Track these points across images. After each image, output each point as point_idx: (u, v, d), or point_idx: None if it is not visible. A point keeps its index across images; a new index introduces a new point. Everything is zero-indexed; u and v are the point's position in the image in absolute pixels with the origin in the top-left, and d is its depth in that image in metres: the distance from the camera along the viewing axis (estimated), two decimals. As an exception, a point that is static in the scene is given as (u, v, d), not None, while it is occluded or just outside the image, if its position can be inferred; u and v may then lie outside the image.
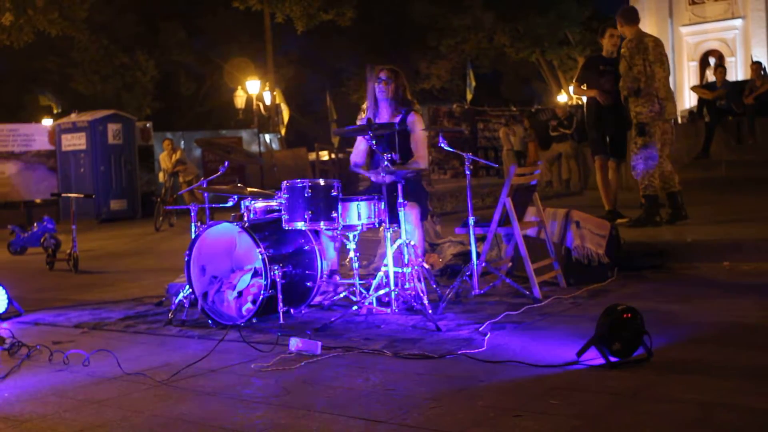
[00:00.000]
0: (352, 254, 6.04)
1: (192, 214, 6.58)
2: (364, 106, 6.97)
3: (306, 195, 5.90)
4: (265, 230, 6.04)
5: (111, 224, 19.93)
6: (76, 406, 4.12)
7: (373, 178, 6.45)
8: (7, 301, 6.90)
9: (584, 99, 10.87)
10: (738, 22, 37.41)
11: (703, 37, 38.75)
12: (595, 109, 9.43)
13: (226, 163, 6.59)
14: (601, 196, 9.50)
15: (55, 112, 28.17)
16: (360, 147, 6.95)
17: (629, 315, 4.19)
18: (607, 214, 8.99)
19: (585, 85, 9.51)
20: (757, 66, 18.85)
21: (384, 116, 6.77)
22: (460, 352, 4.60)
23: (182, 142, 24.52)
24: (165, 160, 18.10)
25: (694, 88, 19.28)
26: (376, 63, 7.12)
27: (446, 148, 6.72)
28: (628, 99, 8.86)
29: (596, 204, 9.41)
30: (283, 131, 30.92)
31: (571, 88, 10.36)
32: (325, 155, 28.54)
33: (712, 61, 35.31)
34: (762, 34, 38.33)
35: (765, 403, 3.49)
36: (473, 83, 30.56)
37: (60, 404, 4.17)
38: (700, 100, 18.31)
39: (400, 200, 5.80)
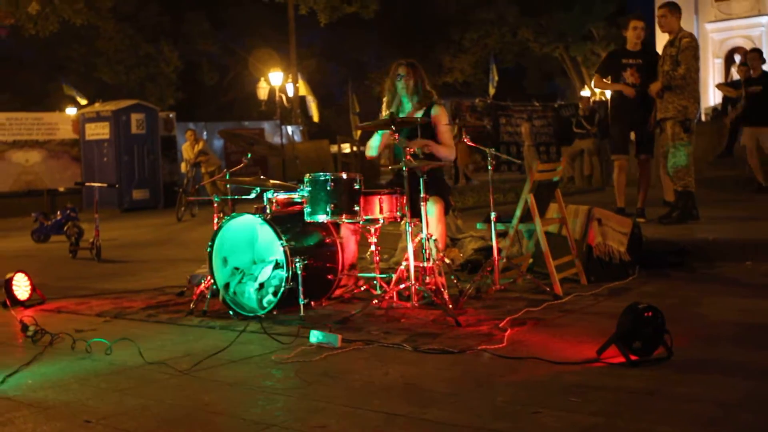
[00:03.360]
0: (373, 248, 6.06)
1: (215, 205, 6.62)
2: (385, 99, 6.95)
3: (328, 188, 5.92)
4: (287, 223, 6.06)
5: (133, 214, 20.03)
6: (98, 393, 4.17)
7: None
8: (30, 288, 6.97)
9: (607, 94, 10.83)
10: (764, 19, 37.12)
11: (728, 34, 38.49)
12: (619, 103, 9.34)
13: (249, 155, 6.62)
14: (617, 194, 9.40)
15: (81, 104, 28.27)
16: (374, 141, 6.90)
17: (650, 313, 4.18)
18: (636, 212, 8.97)
19: (609, 78, 9.42)
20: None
21: (407, 111, 6.77)
22: (480, 348, 4.61)
23: (205, 133, 24.59)
24: (187, 150, 18.16)
25: (719, 86, 19.15)
26: (398, 56, 7.11)
27: (468, 143, 6.73)
28: (665, 92, 8.77)
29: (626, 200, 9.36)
30: (316, 118, 30.85)
31: (593, 82, 10.26)
32: (347, 148, 28.55)
33: (737, 58, 35.07)
34: (788, 32, 38.04)
35: (786, 404, 3.49)
36: (496, 78, 30.48)
37: (82, 392, 4.21)
38: (724, 98, 18.18)
39: (423, 194, 5.81)
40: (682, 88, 8.72)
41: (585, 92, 36.26)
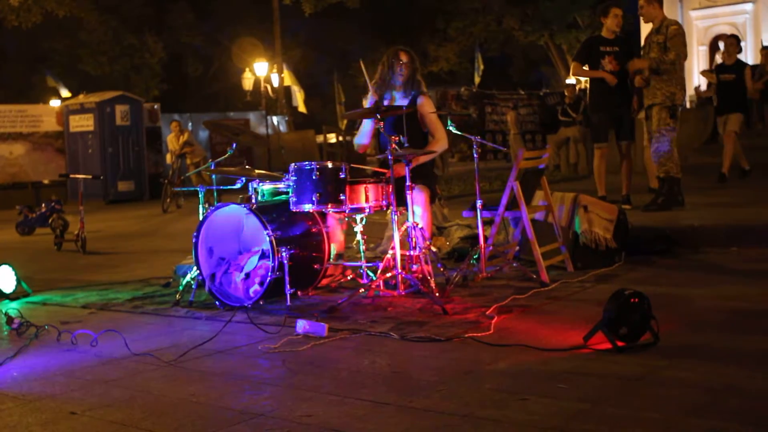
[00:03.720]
0: (359, 237, 6.05)
1: (200, 195, 6.59)
2: (373, 84, 6.89)
3: (314, 177, 5.90)
4: (273, 212, 6.04)
5: (118, 205, 19.97)
6: (84, 385, 4.15)
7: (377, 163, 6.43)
8: (15, 281, 6.93)
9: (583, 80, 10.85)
10: (749, 6, 37.18)
11: (713, 21, 38.52)
12: (599, 91, 9.34)
13: (234, 145, 6.60)
14: (597, 183, 9.40)
15: (63, 96, 28.18)
16: (365, 128, 6.91)
17: (636, 300, 4.19)
18: (621, 199, 8.98)
19: (587, 66, 9.42)
20: (766, 51, 18.71)
21: (392, 99, 6.75)
22: (466, 336, 4.61)
23: (190, 124, 24.52)
24: (172, 141, 18.11)
25: (703, 73, 19.19)
26: (383, 46, 7.10)
27: (454, 131, 6.71)
28: (652, 77, 8.78)
29: (607, 188, 9.36)
30: (302, 108, 30.76)
31: (571, 70, 10.24)
32: (332, 138, 28.54)
33: (721, 45, 35.14)
34: (773, 20, 38.13)
35: (772, 389, 3.50)
36: (481, 66, 30.47)
37: (68, 384, 4.19)
38: (709, 85, 18.20)
39: (408, 183, 5.79)
40: (670, 74, 8.74)
41: (570, 80, 36.24)
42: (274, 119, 28.42)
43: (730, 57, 12.76)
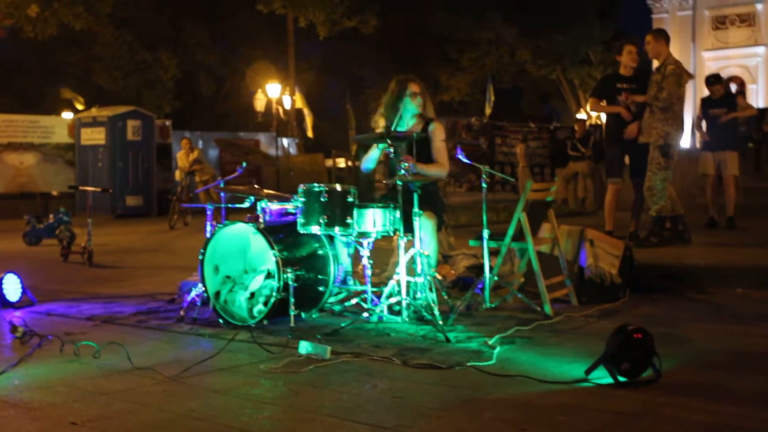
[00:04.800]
0: (365, 261, 6.06)
1: (208, 213, 6.62)
2: (381, 113, 6.92)
3: (322, 200, 5.93)
4: (280, 233, 6.07)
5: (126, 220, 20.02)
6: (85, 396, 4.16)
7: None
8: (21, 290, 6.96)
9: (603, 118, 10.87)
10: (761, 50, 37.29)
11: (725, 62, 38.61)
12: (614, 127, 9.39)
13: (244, 164, 6.63)
14: (606, 217, 9.41)
15: (79, 108, 28.39)
16: (372, 154, 6.91)
17: (640, 335, 4.19)
18: (630, 236, 8.99)
19: (604, 102, 9.47)
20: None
21: (405, 126, 6.78)
22: (468, 364, 4.61)
23: (200, 142, 24.61)
24: (182, 158, 18.18)
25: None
26: (396, 72, 7.13)
27: (464, 159, 6.74)
28: (651, 116, 8.83)
29: (616, 224, 9.37)
30: (310, 133, 30.89)
31: (588, 106, 10.22)
32: (341, 162, 28.58)
33: (733, 87, 35.23)
34: (785, 63, 38.22)
35: (772, 430, 3.50)
36: (492, 98, 30.52)
37: (69, 394, 4.20)
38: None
39: (416, 209, 5.82)
40: (666, 113, 8.78)
41: (581, 115, 36.36)
42: (285, 141, 28.52)
43: (717, 92, 12.18)
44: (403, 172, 5.85)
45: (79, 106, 29.16)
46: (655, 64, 9.27)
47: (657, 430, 3.49)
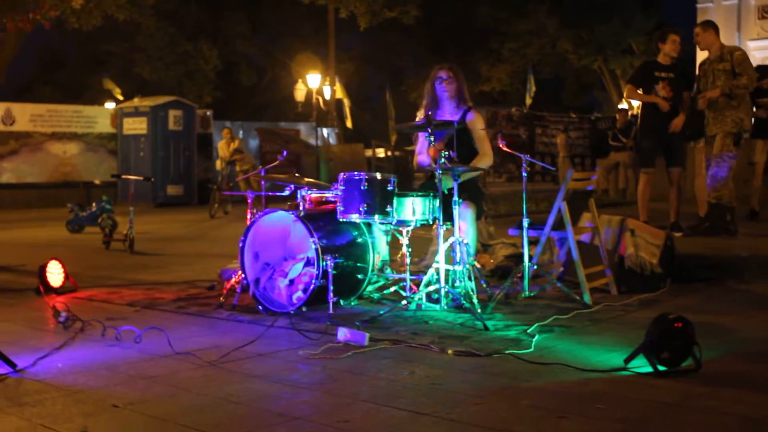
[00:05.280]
0: (404, 249, 6.07)
1: (248, 201, 6.66)
2: (423, 103, 6.95)
3: (362, 188, 5.94)
4: (320, 220, 6.09)
5: (167, 209, 20.20)
6: (126, 380, 4.21)
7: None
8: (63, 276, 7.05)
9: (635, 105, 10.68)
10: (808, 40, 36.71)
11: (770, 52, 38.08)
12: (651, 116, 9.25)
13: (285, 153, 6.66)
14: (640, 207, 9.30)
15: (119, 99, 28.71)
16: (421, 146, 6.91)
17: (680, 324, 4.16)
18: (671, 225, 8.89)
19: (641, 90, 9.33)
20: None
21: (444, 115, 6.78)
22: (507, 352, 4.60)
23: (241, 132, 24.73)
24: (223, 148, 18.28)
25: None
26: (436, 63, 7.11)
27: (504, 148, 6.72)
28: (725, 102, 8.68)
29: (652, 215, 9.28)
30: (349, 124, 30.95)
31: (625, 93, 10.11)
32: (381, 152, 28.59)
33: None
34: (831, 53, 37.64)
35: (814, 421, 3.45)
36: (533, 88, 30.37)
37: (111, 378, 4.26)
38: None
39: (456, 198, 5.81)
40: (740, 100, 8.65)
41: (623, 105, 36.06)
42: (324, 131, 28.58)
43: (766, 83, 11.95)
44: (443, 160, 5.84)
45: (119, 96, 29.40)
46: (704, 55, 9.13)
47: (696, 420, 3.46)
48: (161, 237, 12.66)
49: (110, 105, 27.99)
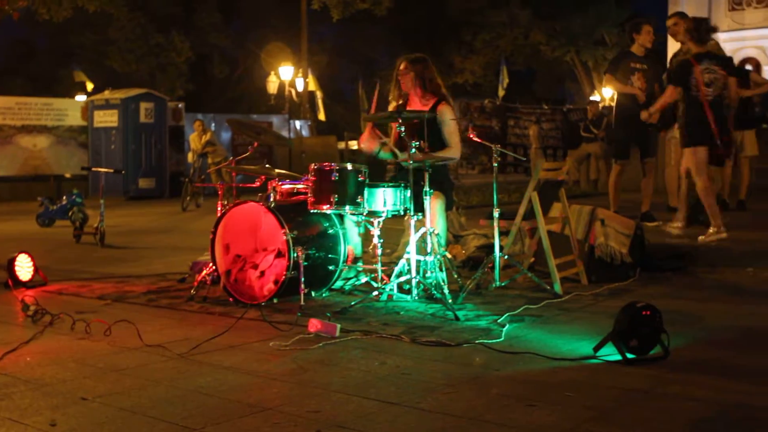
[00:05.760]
0: (375, 240, 6.06)
1: (219, 192, 6.63)
2: (391, 95, 6.95)
3: (333, 179, 5.93)
4: (291, 212, 6.07)
5: (138, 202, 20.08)
6: (95, 373, 4.19)
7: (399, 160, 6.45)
8: (33, 269, 6.99)
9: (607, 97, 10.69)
10: (778, 31, 37.02)
11: (741, 44, 38.33)
12: (627, 107, 9.27)
13: (255, 144, 6.64)
14: (611, 198, 9.32)
15: (89, 90, 28.53)
16: (390, 134, 6.93)
17: (648, 312, 4.19)
18: (643, 216, 8.94)
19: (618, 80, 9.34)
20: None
21: (414, 106, 6.77)
22: (477, 342, 4.62)
23: (213, 125, 24.60)
24: (195, 140, 18.19)
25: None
26: (409, 54, 7.09)
27: (475, 139, 6.73)
28: None
29: (624, 205, 9.34)
30: (322, 116, 30.90)
31: (604, 81, 10.12)
32: (354, 144, 28.56)
33: (749, 68, 34.90)
34: (801, 45, 38.02)
35: (779, 406, 3.50)
36: (506, 80, 30.42)
37: (80, 371, 4.23)
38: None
39: (426, 189, 5.81)
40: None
41: (595, 97, 36.23)
42: (297, 123, 28.51)
43: None
44: (413, 151, 5.84)
45: (90, 87, 29.19)
46: (677, 45, 9.16)
47: (665, 407, 3.49)
48: (132, 230, 12.59)
49: (81, 98, 27.75)
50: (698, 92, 8.08)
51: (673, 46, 9.94)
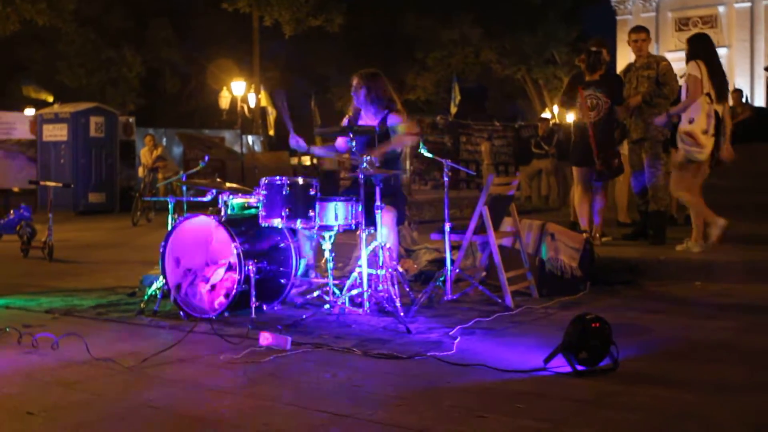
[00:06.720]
0: (327, 254, 6.05)
1: (170, 206, 6.58)
2: (349, 112, 6.99)
3: (284, 193, 5.91)
4: (242, 225, 6.05)
5: (88, 217, 19.82)
6: (42, 387, 4.13)
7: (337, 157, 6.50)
8: (-22, 283, 6.87)
9: (568, 118, 10.81)
10: (722, 51, 37.71)
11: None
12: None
13: (207, 157, 6.61)
14: (579, 215, 9.37)
15: (49, 102, 28.23)
16: (339, 143, 6.99)
17: (597, 324, 4.23)
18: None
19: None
20: (737, 94, 19.06)
21: (366, 120, 6.79)
22: (428, 354, 4.63)
23: (164, 139, 24.46)
24: (146, 155, 18.05)
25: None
26: (362, 70, 7.11)
27: (426, 154, 6.76)
28: (648, 110, 8.81)
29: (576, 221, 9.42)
30: (272, 132, 30.86)
31: (561, 104, 10.21)
32: (307, 160, 28.51)
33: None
34: (745, 64, 38.80)
35: (726, 416, 3.54)
36: (458, 97, 30.62)
37: (27, 385, 4.17)
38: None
39: (378, 203, 5.82)
40: (661, 108, 8.77)
41: (545, 114, 36.60)
42: (249, 139, 28.42)
43: None
44: (364, 165, 5.84)
45: (49, 99, 28.84)
46: (623, 63, 9.30)
47: (613, 417, 3.52)
48: (82, 244, 12.43)
49: (30, 111, 27.41)
50: (583, 115, 8.63)
51: (620, 63, 10.06)
